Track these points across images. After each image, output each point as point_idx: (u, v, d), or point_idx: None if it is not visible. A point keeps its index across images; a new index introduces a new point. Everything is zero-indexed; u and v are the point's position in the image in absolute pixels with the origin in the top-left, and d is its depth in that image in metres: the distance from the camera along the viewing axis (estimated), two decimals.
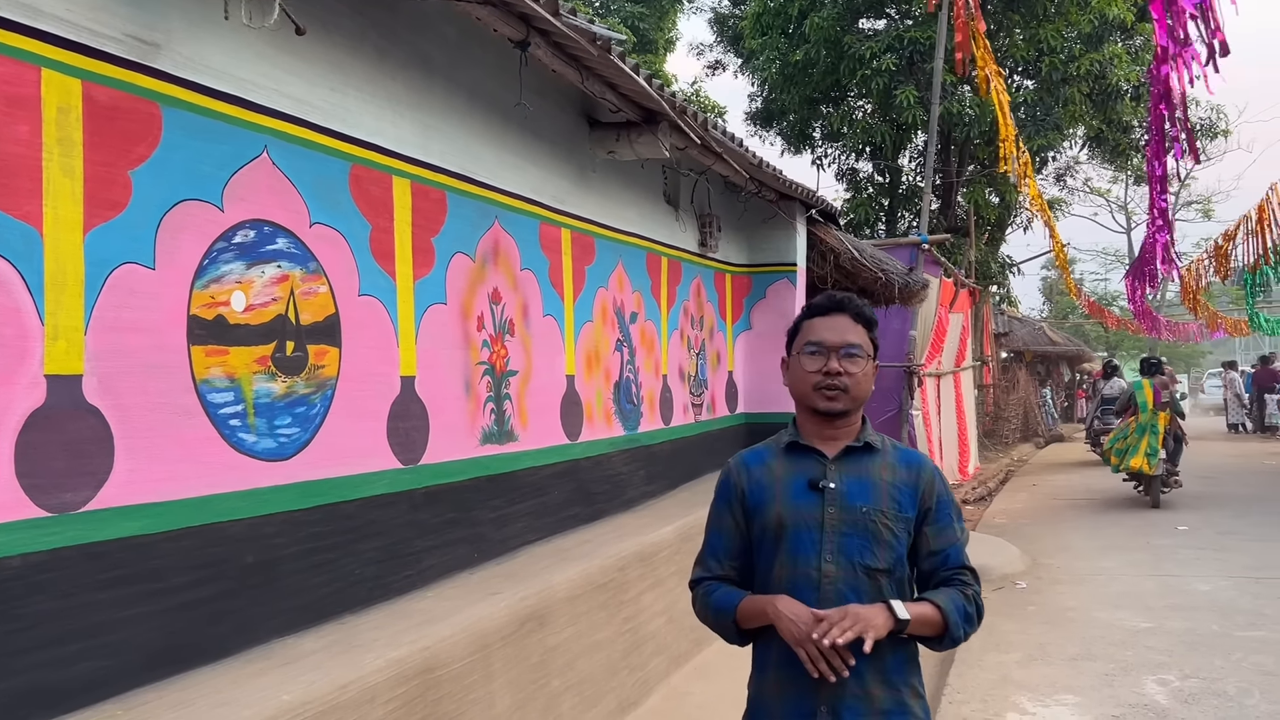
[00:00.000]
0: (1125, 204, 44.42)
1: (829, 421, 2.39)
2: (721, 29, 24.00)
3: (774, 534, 2.36)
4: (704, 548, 2.51)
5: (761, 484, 2.42)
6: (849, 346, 2.37)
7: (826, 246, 9.11)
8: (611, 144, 5.75)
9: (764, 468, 2.44)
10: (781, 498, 2.37)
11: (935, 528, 2.39)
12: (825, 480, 2.35)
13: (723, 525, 2.48)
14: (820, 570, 2.30)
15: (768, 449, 2.49)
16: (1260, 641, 6.50)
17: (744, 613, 2.36)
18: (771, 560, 2.36)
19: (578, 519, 5.55)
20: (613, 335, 6.21)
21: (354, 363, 3.76)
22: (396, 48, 4.07)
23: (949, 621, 2.29)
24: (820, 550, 2.31)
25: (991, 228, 20.42)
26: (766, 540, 2.38)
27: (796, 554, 2.33)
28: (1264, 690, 5.55)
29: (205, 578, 3.08)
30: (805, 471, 2.38)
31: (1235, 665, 6.02)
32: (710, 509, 2.52)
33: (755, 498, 2.41)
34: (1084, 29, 17.43)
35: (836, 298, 2.46)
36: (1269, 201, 12.31)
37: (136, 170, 2.87)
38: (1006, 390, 23.20)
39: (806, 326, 2.46)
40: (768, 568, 2.37)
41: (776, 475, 2.41)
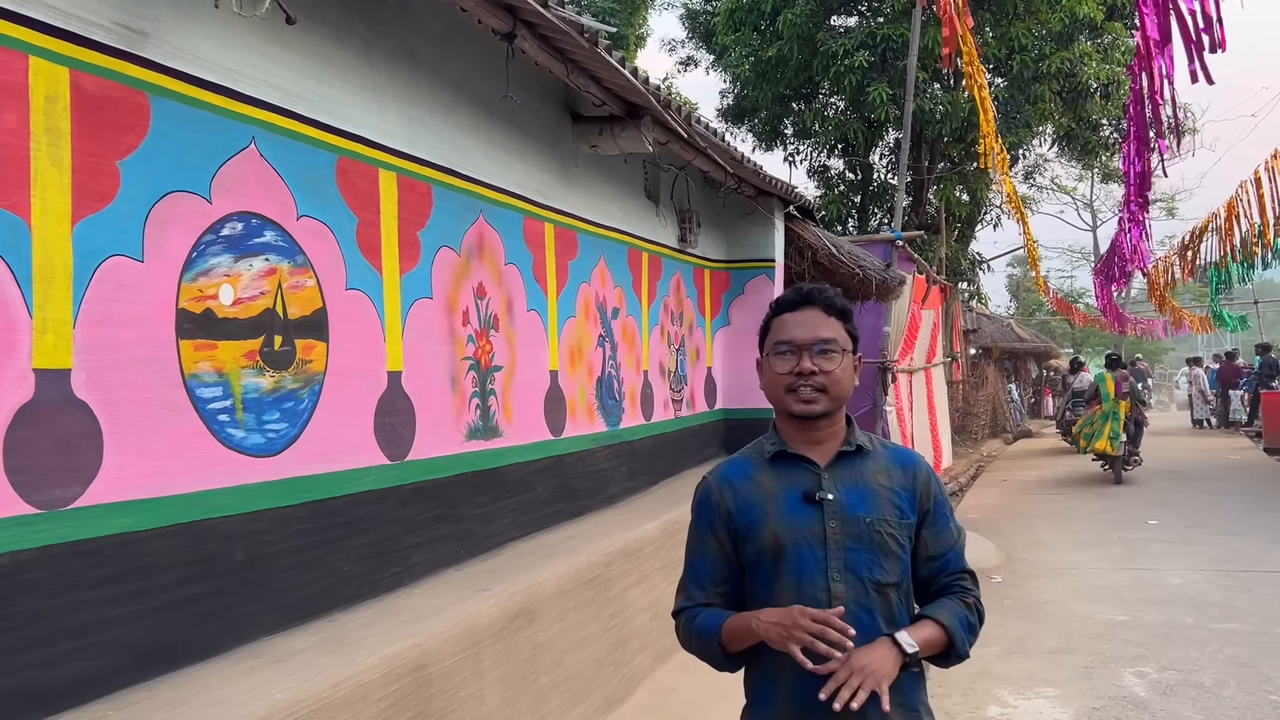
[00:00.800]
0: (1091, 202, 44.95)
1: (811, 425, 2.20)
2: (693, 25, 23.98)
3: (771, 556, 2.15)
4: (685, 574, 2.28)
5: (750, 501, 2.19)
6: (822, 342, 2.18)
7: (804, 243, 9.13)
8: (594, 138, 5.73)
9: (750, 482, 2.22)
10: (776, 515, 2.16)
11: (934, 531, 2.23)
12: (822, 491, 2.16)
13: (706, 549, 2.24)
14: (830, 591, 2.11)
15: (749, 460, 2.28)
16: (1234, 633, 6.59)
17: (730, 634, 2.15)
18: (771, 585, 2.15)
19: (562, 515, 5.53)
20: (595, 331, 6.19)
21: (341, 357, 3.72)
22: (383, 39, 4.02)
23: (954, 639, 2.14)
24: (826, 569, 2.12)
25: (961, 225, 20.57)
26: (763, 563, 2.16)
27: (801, 575, 2.12)
28: (1240, 681, 5.63)
29: (195, 575, 3.03)
30: (798, 483, 2.18)
31: (1211, 657, 6.10)
32: (690, 531, 2.29)
33: (745, 517, 2.19)
34: (1054, 27, 17.58)
35: (804, 290, 2.26)
36: (1238, 199, 12.49)
37: (125, 161, 2.82)
38: (976, 386, 23.40)
39: (776, 324, 2.25)
40: (766, 592, 2.16)
41: (766, 490, 2.20)
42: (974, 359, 25.04)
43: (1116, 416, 14.24)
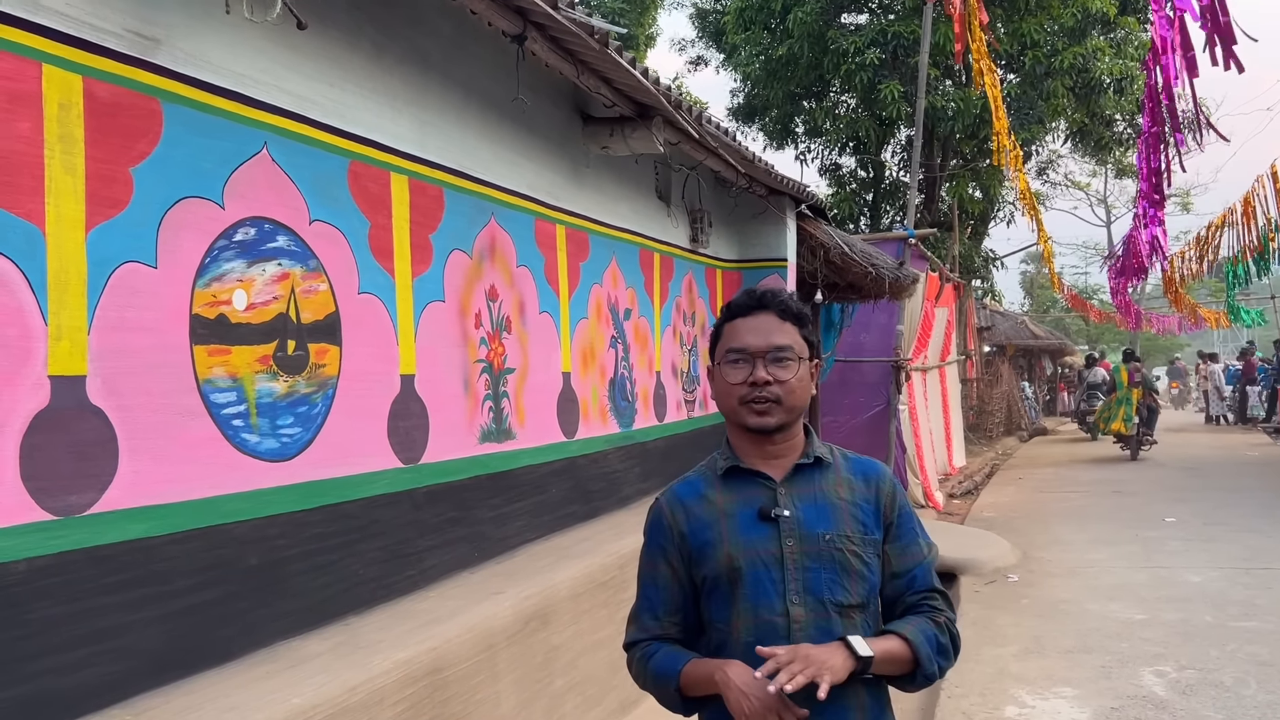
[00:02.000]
0: (1105, 198, 44.71)
1: (766, 439, 2.06)
2: (703, 24, 23.97)
3: (727, 579, 2.02)
4: (638, 603, 2.13)
5: (703, 521, 2.05)
6: (776, 350, 2.03)
7: (816, 242, 9.11)
8: (605, 139, 5.72)
9: (703, 501, 2.08)
10: (729, 535, 2.03)
11: (898, 546, 2.09)
12: (778, 508, 2.02)
13: (657, 575, 2.10)
14: (788, 615, 1.98)
15: (701, 478, 2.14)
16: (1254, 632, 6.54)
17: (689, 679, 2.00)
18: (727, 610, 2.02)
19: (575, 517, 5.53)
20: (607, 332, 6.18)
21: (354, 361, 3.73)
22: (393, 43, 4.03)
23: (919, 656, 1.98)
24: (784, 591, 1.99)
25: (975, 222, 20.50)
26: (719, 588, 2.03)
27: (757, 599, 1.99)
28: (1260, 680, 5.58)
29: (210, 580, 3.04)
30: (751, 500, 2.05)
31: (1230, 656, 6.04)
32: (641, 556, 2.14)
33: (698, 538, 2.05)
34: (1066, 23, 17.50)
35: (757, 294, 2.11)
36: (1254, 194, 12.41)
37: (138, 167, 2.83)
38: (990, 384, 23.32)
39: (728, 330, 2.09)
40: (723, 619, 2.03)
41: (719, 508, 2.06)
42: (988, 356, 24.97)
43: (1129, 402, 16.80)
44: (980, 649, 6.39)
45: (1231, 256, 14.56)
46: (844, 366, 12.21)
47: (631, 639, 2.14)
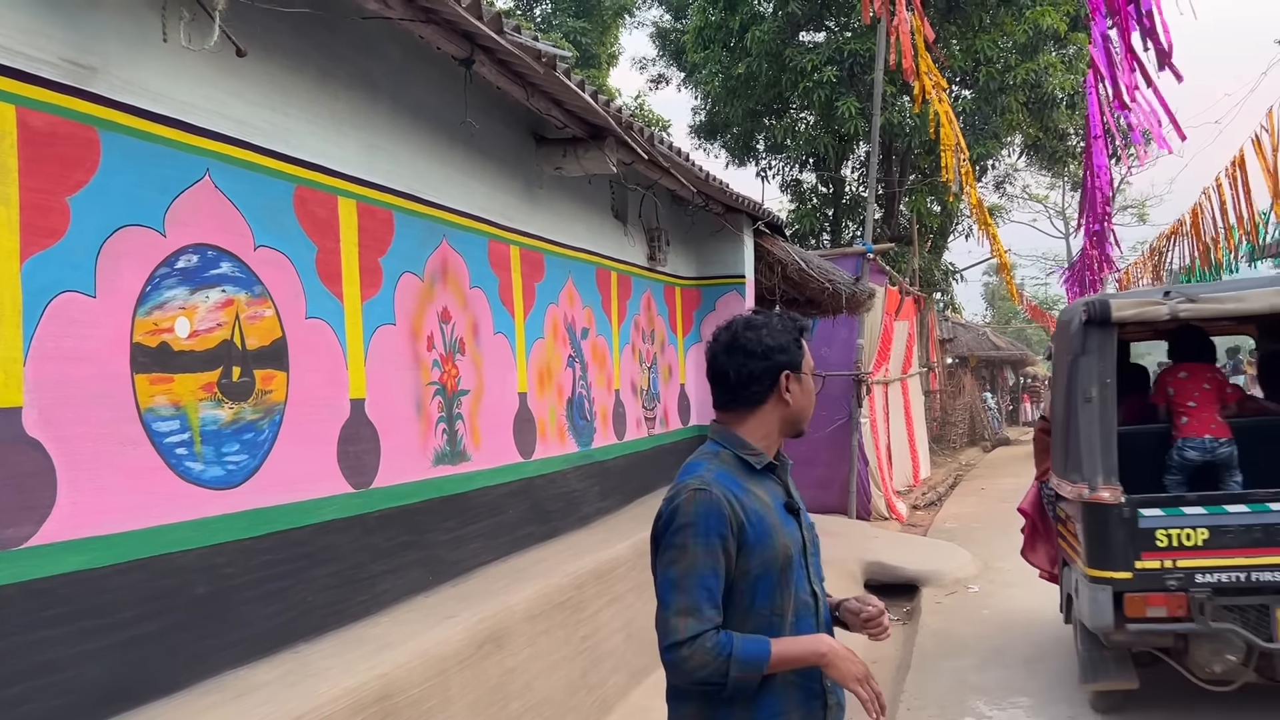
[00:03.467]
0: (1063, 209, 45.31)
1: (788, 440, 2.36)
2: (664, 43, 24.14)
3: (780, 567, 2.18)
4: (694, 594, 2.10)
5: (758, 513, 2.18)
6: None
7: (774, 258, 9.18)
8: (559, 160, 5.74)
9: (750, 495, 2.20)
10: (780, 526, 2.21)
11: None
12: (793, 500, 2.28)
13: (718, 564, 2.12)
14: (815, 595, 2.27)
15: (729, 471, 2.22)
16: None
17: (780, 658, 2.12)
18: (778, 596, 2.18)
19: (533, 538, 5.52)
20: (564, 351, 6.19)
21: (302, 387, 3.71)
22: (339, 67, 4.03)
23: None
24: (808, 574, 2.27)
25: (934, 236, 20.72)
26: (770, 574, 2.17)
27: (798, 584, 2.23)
28: None
29: (155, 611, 3.01)
30: (776, 494, 2.27)
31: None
32: (694, 545, 2.12)
33: (757, 529, 2.16)
34: (1019, 39, 17.78)
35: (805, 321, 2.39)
36: (1202, 205, 12.64)
37: (75, 196, 2.81)
38: (953, 396, 23.53)
39: (807, 349, 2.33)
40: (774, 604, 2.18)
41: (765, 502, 2.22)
42: (950, 368, 25.18)
43: None
44: (941, 661, 6.44)
45: (1182, 267, 14.80)
46: None
47: (693, 632, 2.09)
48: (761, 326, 2.29)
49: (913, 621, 7.99)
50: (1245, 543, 4.83)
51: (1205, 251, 13.13)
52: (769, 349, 2.26)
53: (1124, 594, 4.88)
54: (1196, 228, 13.16)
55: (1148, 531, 4.90)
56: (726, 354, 2.29)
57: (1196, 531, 4.88)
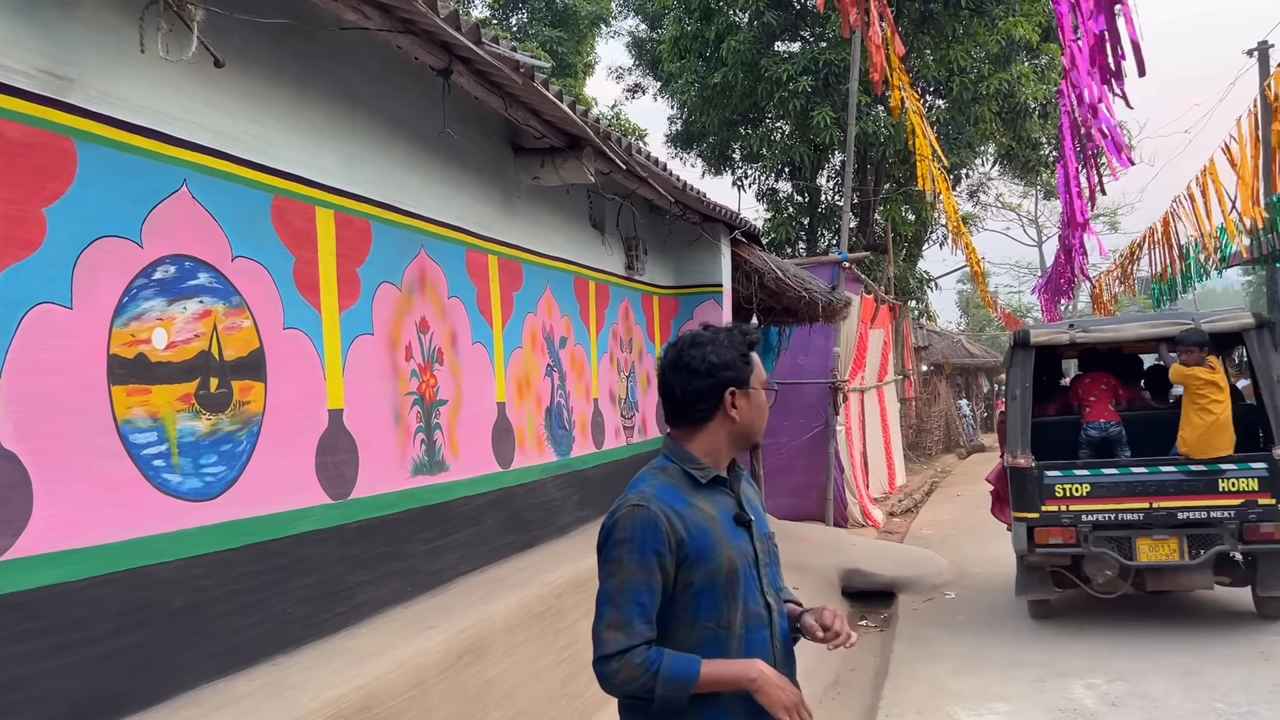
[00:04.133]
0: (1036, 218, 45.71)
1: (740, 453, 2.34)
2: (640, 53, 24.19)
3: (725, 580, 2.18)
4: (626, 608, 2.13)
5: (702, 527, 2.18)
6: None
7: (751, 267, 9.21)
8: (536, 170, 5.75)
9: (693, 509, 2.20)
10: (725, 539, 2.20)
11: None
12: (744, 512, 2.27)
13: (652, 580, 2.14)
14: (768, 606, 2.24)
15: (673, 486, 2.23)
16: (1179, 641, 6.70)
17: (709, 679, 2.10)
18: (725, 609, 2.18)
19: (512, 547, 5.51)
20: (543, 361, 6.19)
21: (280, 397, 3.70)
22: (318, 78, 4.03)
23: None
24: (761, 586, 2.25)
25: (908, 244, 20.85)
26: (715, 588, 2.17)
27: (748, 596, 2.21)
28: (1185, 690, 5.72)
29: (132, 624, 2.99)
30: (725, 506, 2.26)
31: (1157, 667, 6.19)
32: (627, 561, 2.14)
33: (698, 543, 2.16)
34: (992, 49, 17.93)
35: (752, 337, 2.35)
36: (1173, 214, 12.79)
37: (51, 208, 2.79)
38: (928, 403, 23.66)
39: (756, 363, 2.30)
40: (720, 617, 2.18)
41: (710, 515, 2.22)
42: (926, 375, 25.32)
43: None
44: (917, 666, 6.47)
45: (1153, 274, 14.98)
46: (783, 389, 12.31)
47: (622, 646, 2.11)
48: (707, 344, 2.27)
49: (890, 628, 8.02)
50: (1115, 494, 7.00)
51: (1174, 260, 13.29)
52: (713, 366, 2.24)
53: (1034, 528, 7.07)
54: (1167, 237, 13.32)
55: (1050, 485, 7.12)
56: (673, 372, 2.28)
57: (1082, 486, 7.08)
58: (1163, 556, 6.84)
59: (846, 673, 6.60)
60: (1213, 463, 6.94)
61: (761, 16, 18.00)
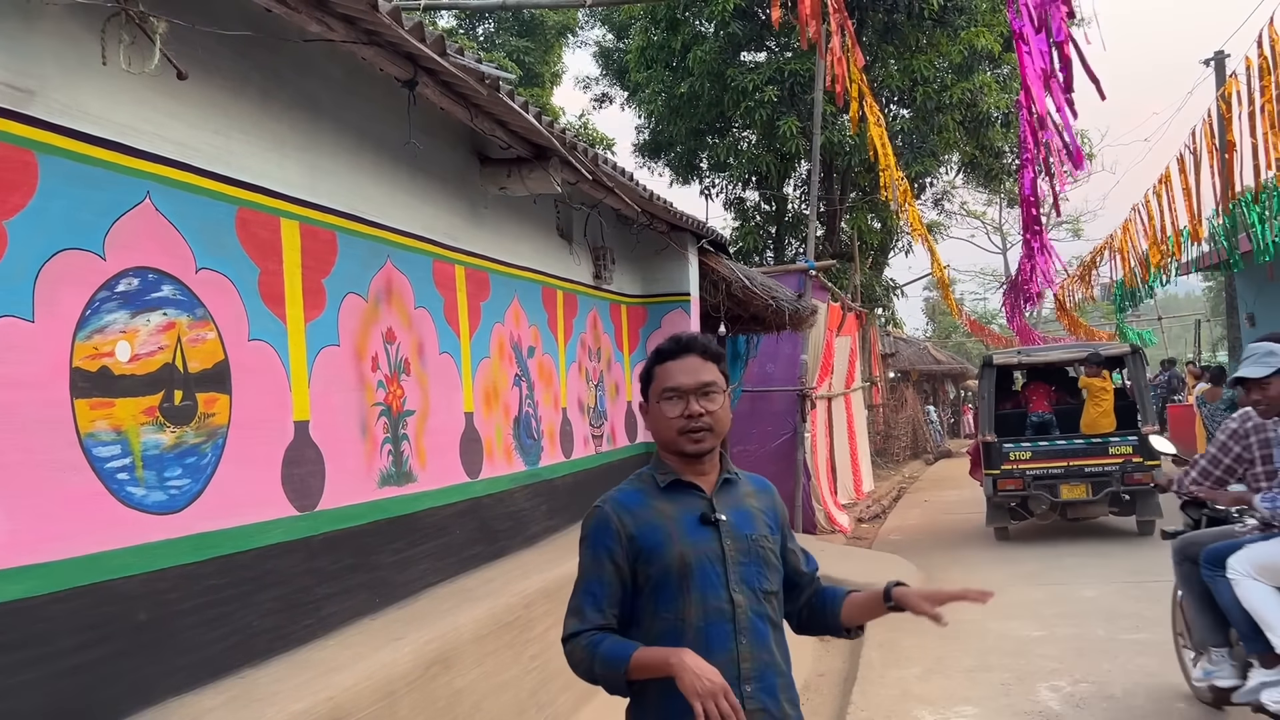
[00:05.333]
0: (1000, 226, 46.18)
1: (698, 461, 2.43)
2: (607, 63, 24.26)
3: (678, 573, 2.33)
4: (580, 597, 2.38)
5: (652, 525, 2.36)
6: (704, 386, 2.40)
7: (718, 275, 9.26)
8: (503, 180, 5.76)
9: (648, 509, 2.39)
10: (679, 536, 2.35)
11: (792, 545, 2.59)
12: (715, 513, 2.40)
13: (603, 573, 2.36)
14: (732, 602, 2.35)
15: (640, 490, 2.45)
16: (1143, 644, 6.80)
17: (639, 664, 2.24)
18: (678, 601, 2.33)
19: (481, 558, 5.51)
20: (511, 370, 6.20)
21: (245, 409, 3.68)
22: (281, 89, 4.02)
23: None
24: (727, 582, 2.35)
25: (875, 252, 21.04)
26: (668, 581, 2.33)
27: (705, 590, 2.33)
28: (1149, 690, 5.81)
29: (96, 638, 2.96)
30: (691, 508, 2.40)
31: (1121, 668, 6.28)
32: (583, 557, 2.40)
33: (648, 540, 2.35)
34: (955, 59, 18.16)
35: (683, 339, 2.48)
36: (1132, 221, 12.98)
37: (11, 220, 2.78)
38: (895, 409, 23.83)
39: (659, 372, 2.45)
40: (674, 609, 2.33)
41: (666, 514, 2.38)
42: (893, 382, 25.50)
43: None
44: (885, 671, 6.52)
45: (1113, 281, 15.19)
46: (752, 396, 12.39)
47: (573, 630, 2.35)
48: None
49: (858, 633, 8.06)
50: (1046, 457, 11.23)
51: (1132, 268, 13.49)
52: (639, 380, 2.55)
53: (997, 480, 11.25)
54: (1125, 245, 13.52)
55: (1006, 452, 11.30)
56: None
57: (1026, 452, 11.29)
58: (1076, 496, 11.08)
59: (815, 678, 6.64)
60: (1104, 436, 11.27)
61: (727, 27, 18.13)
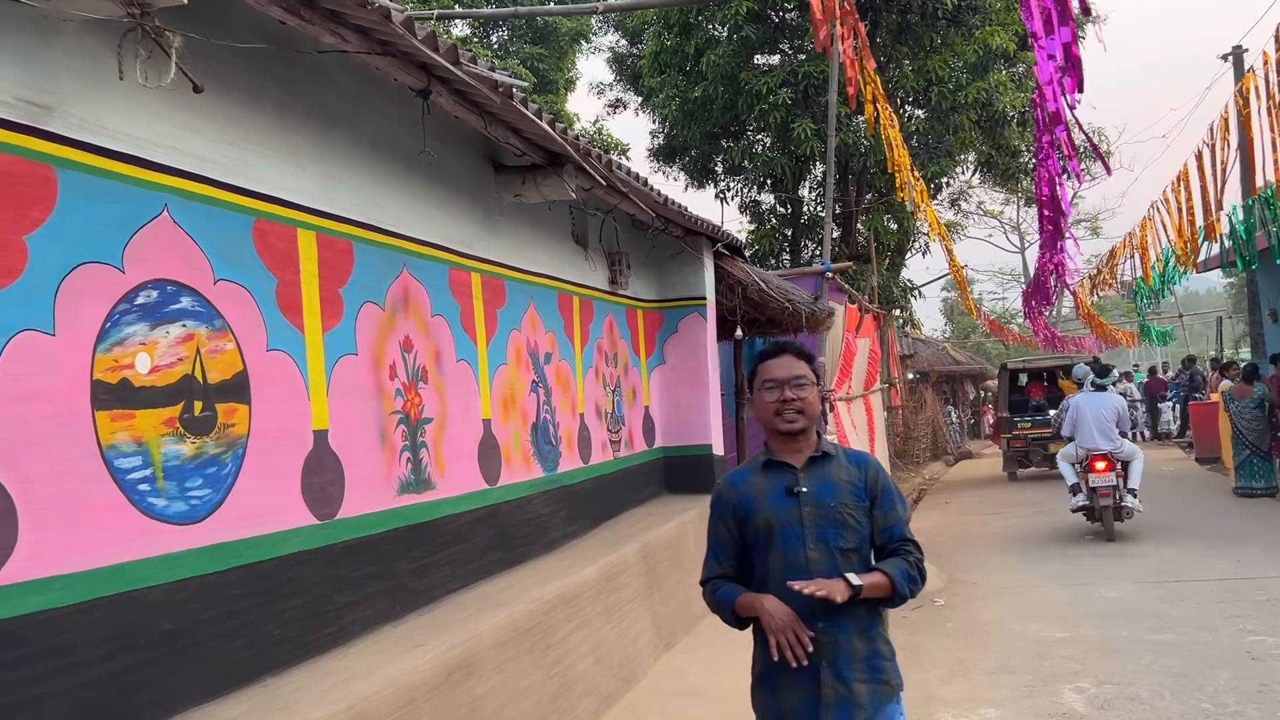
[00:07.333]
0: (1018, 224, 45.97)
1: (792, 439, 3.01)
2: (620, 68, 24.27)
3: (765, 534, 2.97)
4: (708, 552, 3.12)
5: (748, 496, 3.02)
6: (797, 378, 3.00)
7: (734, 279, 9.25)
8: (518, 187, 5.78)
9: (747, 484, 3.05)
10: (765, 505, 2.98)
11: (882, 510, 3.02)
12: (798, 486, 2.97)
13: (719, 534, 3.09)
14: (806, 556, 2.92)
15: (747, 469, 3.11)
16: (1168, 644, 6.74)
17: (740, 606, 2.97)
18: (766, 554, 2.97)
19: (500, 564, 5.52)
20: (528, 377, 6.21)
21: (265, 419, 3.71)
22: (296, 100, 4.05)
23: (895, 584, 2.90)
24: (804, 541, 2.93)
25: (892, 253, 20.94)
26: (760, 539, 2.98)
27: (786, 546, 2.94)
28: (1174, 691, 5.75)
29: (120, 649, 2.99)
30: (781, 481, 3.00)
31: (1146, 669, 6.22)
32: (708, 523, 3.14)
33: (744, 509, 3.02)
34: (969, 59, 18.08)
35: (780, 343, 3.11)
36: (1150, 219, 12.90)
37: (32, 235, 2.81)
38: (915, 410, 23.71)
39: (761, 369, 3.06)
40: (764, 560, 2.97)
41: (759, 488, 3.02)
42: (912, 383, 25.39)
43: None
44: (906, 674, 6.42)
45: (1133, 278, 15.09)
46: None
47: (704, 578, 3.12)
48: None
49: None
50: (1039, 426, 17.75)
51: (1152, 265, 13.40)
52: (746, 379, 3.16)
53: (1010, 440, 18.59)
54: (1144, 243, 13.43)
55: (1015, 423, 18.47)
56: None
57: (1027, 424, 18.25)
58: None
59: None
60: None
61: (740, 30, 18.11)
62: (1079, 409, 11.46)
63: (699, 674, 6.09)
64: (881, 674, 2.96)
